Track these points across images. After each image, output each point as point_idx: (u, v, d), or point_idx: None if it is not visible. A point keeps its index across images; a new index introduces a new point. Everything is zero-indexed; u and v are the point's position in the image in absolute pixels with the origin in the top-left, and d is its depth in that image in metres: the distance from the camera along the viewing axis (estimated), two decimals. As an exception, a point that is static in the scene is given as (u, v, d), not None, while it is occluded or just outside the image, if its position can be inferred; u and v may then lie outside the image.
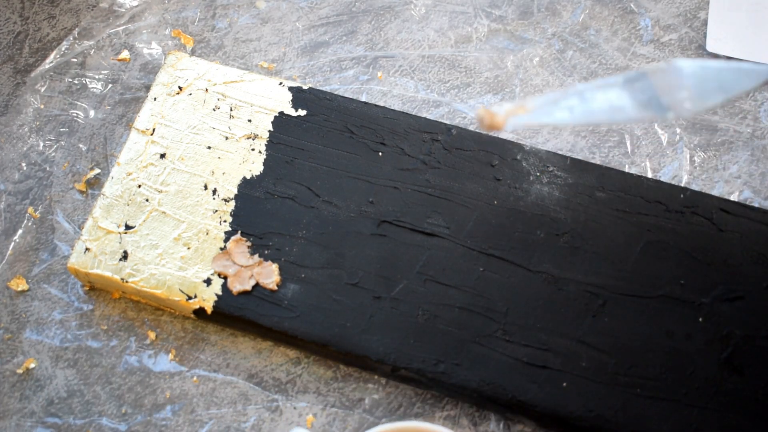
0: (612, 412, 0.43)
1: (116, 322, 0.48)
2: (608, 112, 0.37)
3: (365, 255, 0.47)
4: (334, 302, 0.46)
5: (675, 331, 0.45)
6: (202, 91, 0.52)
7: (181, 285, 0.46)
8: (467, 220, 0.48)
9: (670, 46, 0.56)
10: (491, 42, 0.57)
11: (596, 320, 0.45)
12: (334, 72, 0.56)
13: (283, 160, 0.50)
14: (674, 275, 0.46)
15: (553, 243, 0.47)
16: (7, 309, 0.49)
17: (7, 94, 0.55)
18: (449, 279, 0.46)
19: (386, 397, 0.46)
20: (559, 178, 0.49)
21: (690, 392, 0.44)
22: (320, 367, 0.47)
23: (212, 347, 0.47)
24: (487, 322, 0.45)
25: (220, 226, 0.48)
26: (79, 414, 0.46)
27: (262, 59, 0.56)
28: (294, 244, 0.47)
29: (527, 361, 0.44)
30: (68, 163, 0.53)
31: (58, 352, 0.47)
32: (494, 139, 0.50)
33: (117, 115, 0.54)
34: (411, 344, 0.45)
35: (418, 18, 0.58)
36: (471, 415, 0.46)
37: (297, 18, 0.58)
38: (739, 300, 0.46)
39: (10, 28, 0.57)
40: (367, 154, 0.50)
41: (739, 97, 0.42)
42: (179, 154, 0.50)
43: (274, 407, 0.46)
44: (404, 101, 0.55)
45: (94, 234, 0.48)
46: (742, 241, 0.47)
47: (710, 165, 0.52)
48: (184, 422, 0.46)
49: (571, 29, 0.57)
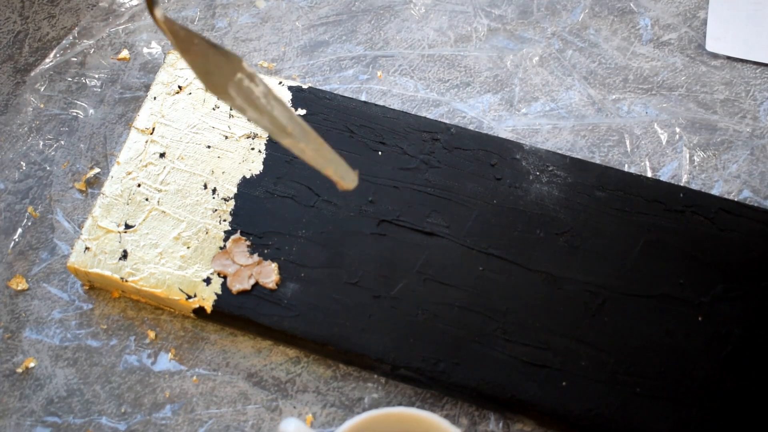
0: (611, 411, 0.43)
1: (116, 322, 0.48)
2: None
3: (365, 254, 0.47)
4: (333, 301, 0.46)
5: (674, 330, 0.45)
6: (202, 91, 0.52)
7: (181, 284, 0.46)
8: (467, 220, 0.48)
9: (669, 46, 0.56)
10: (491, 41, 0.57)
11: (595, 319, 0.45)
12: (334, 71, 0.56)
13: (282, 159, 0.50)
14: (674, 274, 0.47)
15: (553, 242, 0.47)
16: (7, 308, 0.49)
17: (7, 93, 0.55)
18: (449, 278, 0.46)
19: (386, 396, 0.46)
20: (559, 178, 0.49)
21: (689, 391, 0.44)
22: (320, 367, 0.47)
23: (212, 346, 0.48)
24: (486, 321, 0.45)
25: (220, 225, 0.48)
26: (78, 413, 0.46)
27: (261, 58, 0.56)
28: (293, 244, 0.47)
29: (527, 361, 0.44)
30: (68, 162, 0.53)
31: (57, 351, 0.47)
32: (494, 138, 0.50)
33: (117, 114, 0.54)
34: (410, 343, 0.45)
35: (417, 17, 0.58)
36: (470, 414, 0.46)
37: (297, 17, 0.58)
38: (739, 299, 0.46)
39: (10, 27, 0.57)
40: (366, 154, 0.50)
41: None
42: (179, 153, 0.50)
43: (274, 406, 0.46)
44: (404, 100, 0.55)
45: (93, 233, 0.48)
46: (742, 241, 0.47)
47: (710, 164, 0.52)
48: (183, 421, 0.46)
49: (570, 29, 0.57)
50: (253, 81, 0.41)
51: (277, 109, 0.41)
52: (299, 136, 0.41)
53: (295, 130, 0.41)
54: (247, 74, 0.41)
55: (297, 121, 0.42)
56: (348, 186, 0.41)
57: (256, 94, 0.41)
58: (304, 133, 0.41)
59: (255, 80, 0.41)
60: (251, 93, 0.41)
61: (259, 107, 0.41)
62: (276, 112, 0.41)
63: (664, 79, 0.55)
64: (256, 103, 0.41)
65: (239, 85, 0.41)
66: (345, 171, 0.41)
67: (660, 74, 0.55)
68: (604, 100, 0.55)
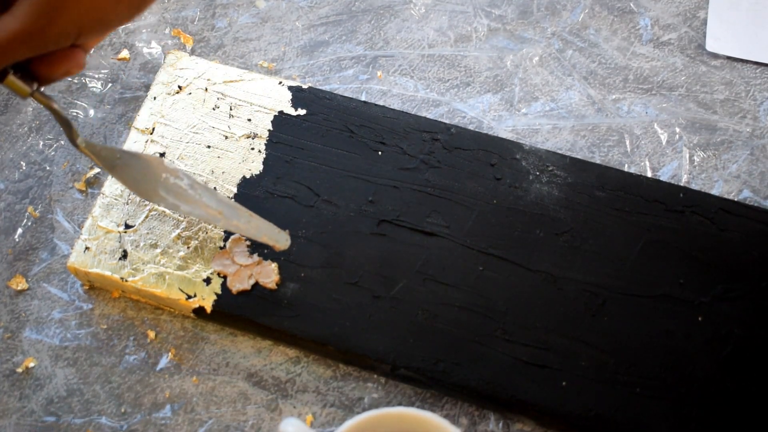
0: (611, 412, 0.43)
1: (116, 322, 0.48)
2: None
3: (365, 254, 0.47)
4: (333, 301, 0.46)
5: (674, 330, 0.45)
6: (202, 91, 0.52)
7: (181, 284, 0.46)
8: (467, 220, 0.48)
9: (669, 46, 0.56)
10: (491, 41, 0.57)
11: (596, 319, 0.45)
12: (334, 71, 0.56)
13: (282, 159, 0.50)
14: (674, 274, 0.47)
15: (553, 242, 0.47)
16: (7, 308, 0.49)
17: (7, 93, 0.55)
18: (449, 278, 0.46)
19: (385, 396, 0.46)
20: (559, 178, 0.49)
21: (689, 391, 0.44)
22: (320, 367, 0.47)
23: (212, 346, 0.47)
24: (486, 321, 0.45)
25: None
26: (78, 413, 0.46)
27: (261, 58, 0.56)
28: (293, 244, 0.47)
29: (527, 361, 0.44)
30: (68, 162, 0.53)
31: (57, 351, 0.47)
32: (494, 138, 0.50)
33: (117, 114, 0.54)
34: (410, 343, 0.45)
35: (417, 17, 0.58)
36: (470, 414, 0.46)
37: (297, 17, 0.58)
38: (739, 299, 0.46)
39: (10, 27, 0.57)
40: (366, 154, 0.50)
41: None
42: (179, 153, 0.50)
43: (274, 406, 0.46)
44: (404, 100, 0.55)
45: (93, 233, 0.48)
46: (742, 241, 0.47)
47: (710, 164, 0.52)
48: (183, 421, 0.46)
49: (570, 29, 0.57)
50: (177, 176, 0.44)
51: (206, 195, 0.45)
52: (230, 214, 0.45)
53: (226, 210, 0.44)
54: (171, 172, 0.44)
55: (225, 201, 0.45)
56: (282, 248, 0.45)
57: (184, 187, 0.43)
58: (233, 209, 0.45)
59: (179, 175, 0.44)
60: (179, 188, 0.44)
61: (190, 199, 0.44)
62: (205, 198, 0.44)
63: (664, 79, 0.55)
64: (186, 196, 0.44)
65: (167, 184, 0.43)
66: (277, 235, 0.45)
67: (660, 74, 0.55)
68: (604, 100, 0.55)
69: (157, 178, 0.43)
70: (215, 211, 0.44)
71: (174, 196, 0.43)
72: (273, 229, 0.45)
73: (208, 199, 0.44)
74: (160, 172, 0.43)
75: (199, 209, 0.44)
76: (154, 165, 0.44)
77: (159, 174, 0.43)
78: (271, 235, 0.45)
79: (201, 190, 0.44)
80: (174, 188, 0.44)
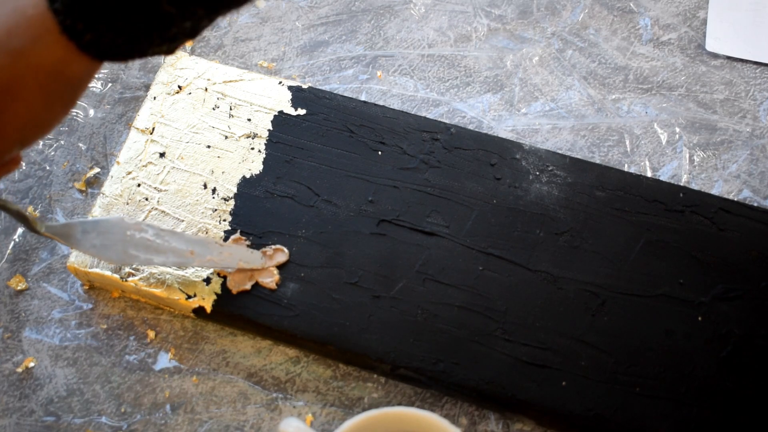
0: (611, 411, 0.43)
1: (116, 321, 0.48)
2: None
3: (365, 254, 0.47)
4: (333, 301, 0.46)
5: (674, 330, 0.45)
6: (202, 90, 0.52)
7: (181, 284, 0.46)
8: (467, 219, 0.48)
9: (669, 46, 0.56)
10: (491, 41, 0.57)
11: (595, 319, 0.45)
12: (334, 71, 0.56)
13: (282, 159, 0.50)
14: (673, 274, 0.47)
15: (553, 242, 0.47)
16: (7, 308, 0.49)
17: (7, 93, 0.55)
18: (449, 278, 0.46)
19: (385, 396, 0.46)
20: (559, 178, 0.49)
21: (689, 391, 0.44)
22: (319, 366, 0.47)
23: (212, 346, 0.48)
24: (486, 321, 0.45)
25: (220, 225, 0.48)
26: (78, 413, 0.46)
27: (261, 58, 0.56)
28: (293, 243, 0.47)
29: (526, 360, 0.44)
30: (68, 162, 0.53)
31: (57, 351, 0.47)
32: (494, 138, 0.50)
33: (117, 114, 0.54)
34: (410, 343, 0.45)
35: (417, 17, 0.58)
36: (470, 414, 0.46)
37: (297, 17, 0.58)
38: (738, 299, 0.46)
39: (10, 27, 0.57)
40: (366, 153, 0.50)
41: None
42: (179, 153, 0.50)
43: (274, 406, 0.46)
44: (404, 100, 0.55)
45: (93, 233, 0.48)
46: (742, 241, 0.47)
47: (709, 164, 0.52)
48: (183, 421, 0.46)
49: (570, 28, 0.57)
50: (140, 229, 0.44)
51: (173, 239, 0.45)
52: (202, 251, 0.45)
53: (196, 248, 0.45)
54: (134, 227, 0.44)
55: (192, 239, 0.45)
56: (258, 267, 0.46)
57: (150, 239, 0.44)
58: (203, 244, 0.46)
59: (141, 227, 0.44)
60: (146, 240, 0.44)
61: (159, 248, 0.44)
62: (174, 243, 0.45)
63: (664, 79, 0.55)
64: (155, 246, 0.44)
65: (133, 240, 0.44)
66: (250, 256, 0.46)
67: (660, 74, 0.55)
68: (604, 100, 0.55)
69: (123, 237, 0.44)
70: (187, 252, 0.45)
71: (144, 251, 0.44)
72: (246, 252, 0.46)
73: (177, 242, 0.45)
74: (124, 230, 0.44)
75: (171, 256, 0.44)
76: (116, 225, 0.44)
77: (123, 233, 0.44)
78: (246, 259, 0.46)
79: (168, 236, 0.45)
80: (141, 242, 0.44)
